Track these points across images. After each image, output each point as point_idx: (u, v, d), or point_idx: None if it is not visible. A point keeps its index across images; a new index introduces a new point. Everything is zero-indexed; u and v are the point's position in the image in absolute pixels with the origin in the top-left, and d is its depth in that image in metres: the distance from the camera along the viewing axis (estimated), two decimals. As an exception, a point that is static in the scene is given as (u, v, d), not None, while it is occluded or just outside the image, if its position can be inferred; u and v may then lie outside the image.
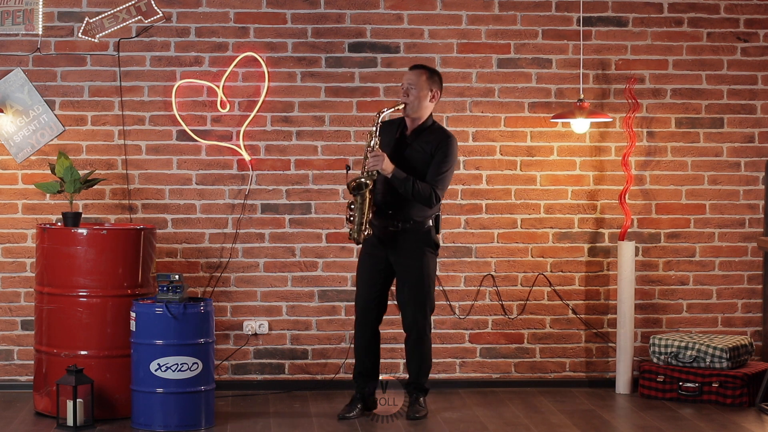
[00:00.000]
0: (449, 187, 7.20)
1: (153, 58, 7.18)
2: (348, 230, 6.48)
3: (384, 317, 6.56)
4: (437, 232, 6.51)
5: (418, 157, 6.41)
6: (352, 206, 6.34)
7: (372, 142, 6.34)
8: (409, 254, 6.43)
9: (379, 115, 6.36)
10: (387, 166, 6.30)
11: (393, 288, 6.58)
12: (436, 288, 7.28)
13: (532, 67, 7.32)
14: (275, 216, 7.25)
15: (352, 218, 6.34)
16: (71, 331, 6.42)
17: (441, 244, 6.70)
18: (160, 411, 6.15)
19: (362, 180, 6.30)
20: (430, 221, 6.46)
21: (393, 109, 6.40)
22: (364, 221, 6.32)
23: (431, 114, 6.53)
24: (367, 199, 6.31)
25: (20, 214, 7.14)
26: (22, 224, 7.14)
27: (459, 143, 7.25)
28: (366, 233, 6.33)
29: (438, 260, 7.27)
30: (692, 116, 7.40)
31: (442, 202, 7.19)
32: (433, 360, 7.30)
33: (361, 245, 6.51)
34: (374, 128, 6.35)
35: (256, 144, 7.23)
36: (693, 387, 6.94)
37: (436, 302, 7.28)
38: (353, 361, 6.62)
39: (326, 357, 7.28)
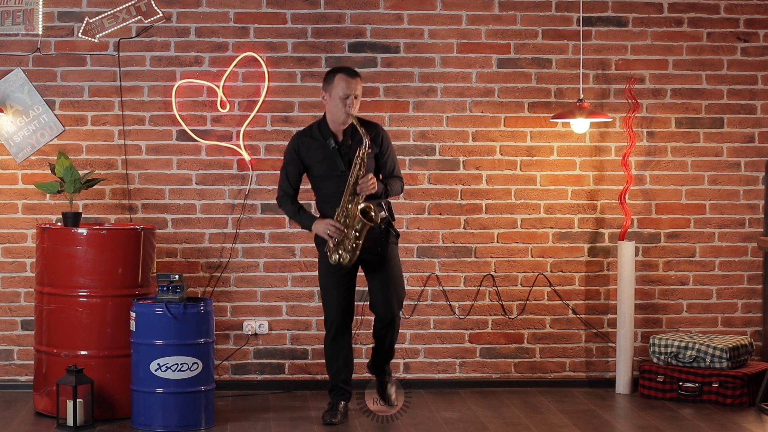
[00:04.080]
0: (448, 187, 7.27)
1: (153, 58, 7.18)
2: (337, 258, 6.20)
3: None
4: (392, 219, 6.40)
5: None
6: (357, 233, 6.18)
7: (358, 171, 6.17)
8: (373, 248, 6.29)
9: (366, 147, 6.18)
10: (378, 187, 6.25)
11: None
12: (437, 288, 7.29)
13: (532, 67, 7.32)
14: (275, 216, 7.25)
15: (354, 246, 6.16)
16: (71, 331, 6.42)
17: (400, 232, 6.59)
18: (160, 411, 6.15)
19: (367, 207, 6.17)
20: (383, 212, 6.32)
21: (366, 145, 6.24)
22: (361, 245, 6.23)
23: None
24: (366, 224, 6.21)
25: (20, 214, 7.14)
26: (22, 224, 7.14)
27: (459, 143, 7.28)
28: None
29: (438, 260, 7.29)
30: (692, 116, 7.40)
31: (440, 202, 7.24)
32: (434, 360, 7.31)
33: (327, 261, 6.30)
34: (360, 159, 6.18)
35: (256, 144, 7.23)
36: (693, 387, 6.93)
37: (436, 302, 7.30)
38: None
39: (326, 357, 7.28)
